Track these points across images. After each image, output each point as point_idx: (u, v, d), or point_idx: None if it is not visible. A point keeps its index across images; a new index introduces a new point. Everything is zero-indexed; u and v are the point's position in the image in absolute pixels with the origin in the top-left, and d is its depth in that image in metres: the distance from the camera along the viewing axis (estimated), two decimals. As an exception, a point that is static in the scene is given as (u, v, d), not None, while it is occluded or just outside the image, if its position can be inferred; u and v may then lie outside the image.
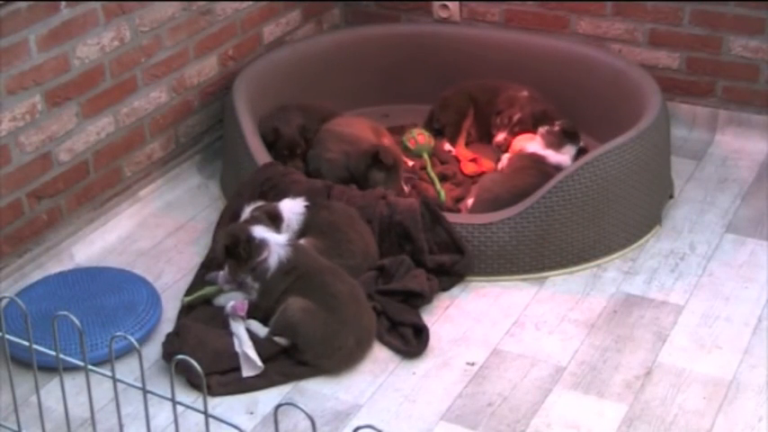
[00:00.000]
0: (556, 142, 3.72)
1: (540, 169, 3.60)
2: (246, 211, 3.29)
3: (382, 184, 3.59)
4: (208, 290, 3.24)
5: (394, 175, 3.62)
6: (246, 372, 2.94)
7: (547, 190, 3.36)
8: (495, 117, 4.04)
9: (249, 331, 3.03)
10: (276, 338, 3.00)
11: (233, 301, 3.10)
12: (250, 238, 3.08)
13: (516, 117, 3.97)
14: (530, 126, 3.92)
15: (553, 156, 3.68)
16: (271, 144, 3.78)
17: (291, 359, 2.99)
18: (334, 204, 3.38)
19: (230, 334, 3.03)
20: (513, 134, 3.96)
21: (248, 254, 3.08)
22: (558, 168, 3.58)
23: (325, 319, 2.95)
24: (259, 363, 2.94)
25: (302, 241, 3.25)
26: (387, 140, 3.88)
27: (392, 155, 3.65)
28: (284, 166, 3.67)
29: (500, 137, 3.99)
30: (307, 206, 3.33)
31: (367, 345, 3.05)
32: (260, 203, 3.34)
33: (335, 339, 2.96)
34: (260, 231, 3.11)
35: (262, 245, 3.08)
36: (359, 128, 3.86)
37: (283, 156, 3.79)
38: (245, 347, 2.97)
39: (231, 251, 3.10)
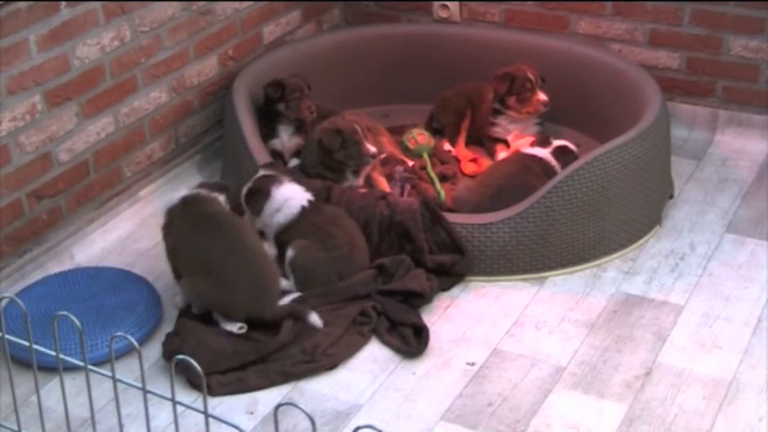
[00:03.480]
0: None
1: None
2: (259, 173, 3.37)
3: (350, 158, 3.58)
4: None
5: (352, 147, 3.57)
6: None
7: (547, 190, 3.36)
8: (492, 103, 4.02)
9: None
10: (228, 327, 3.05)
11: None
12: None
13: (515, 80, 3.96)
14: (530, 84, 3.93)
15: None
16: (279, 98, 3.82)
17: (292, 358, 2.99)
18: (323, 207, 3.37)
19: (230, 334, 3.03)
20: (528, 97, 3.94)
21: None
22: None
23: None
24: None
25: (292, 246, 3.26)
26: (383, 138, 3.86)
27: (330, 129, 3.61)
28: (283, 166, 3.67)
29: (541, 95, 3.92)
30: (303, 206, 3.32)
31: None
32: (267, 172, 3.37)
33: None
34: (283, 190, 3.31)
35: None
36: None
37: (296, 99, 3.82)
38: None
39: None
